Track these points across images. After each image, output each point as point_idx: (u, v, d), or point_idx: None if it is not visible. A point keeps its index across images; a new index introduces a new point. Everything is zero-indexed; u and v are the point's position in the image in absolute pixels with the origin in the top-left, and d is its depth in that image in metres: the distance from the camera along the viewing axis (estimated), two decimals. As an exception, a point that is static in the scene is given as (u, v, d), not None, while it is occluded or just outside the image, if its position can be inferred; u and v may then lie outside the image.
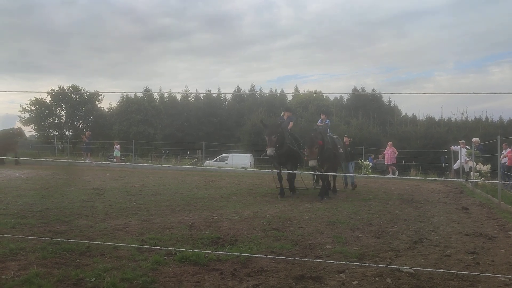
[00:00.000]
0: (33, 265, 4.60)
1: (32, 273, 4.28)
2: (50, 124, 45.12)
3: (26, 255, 5.03)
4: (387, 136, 31.07)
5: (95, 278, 4.24)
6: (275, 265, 4.90)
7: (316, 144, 10.65)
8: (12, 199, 9.48)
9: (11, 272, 4.40)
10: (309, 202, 10.31)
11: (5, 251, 5.13)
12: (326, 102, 44.47)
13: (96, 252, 5.24)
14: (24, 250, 5.21)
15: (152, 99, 47.40)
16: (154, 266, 4.70)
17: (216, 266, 4.82)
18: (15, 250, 5.17)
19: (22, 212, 7.86)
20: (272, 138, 10.76)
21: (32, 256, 4.97)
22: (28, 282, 4.05)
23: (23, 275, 4.29)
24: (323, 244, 6.01)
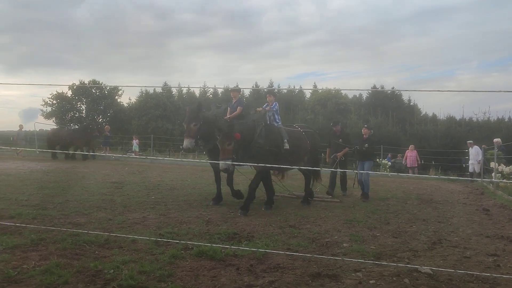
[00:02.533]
0: (54, 256, 4.69)
1: (52, 264, 4.36)
2: (71, 117, 45.81)
3: (46, 246, 5.13)
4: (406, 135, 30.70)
5: (113, 270, 4.30)
6: (291, 262, 4.89)
7: (230, 139, 7.79)
8: (33, 190, 9.68)
9: (32, 262, 4.49)
10: (325, 200, 10.25)
11: (26, 241, 5.24)
12: (344, 99, 44.03)
13: (115, 244, 5.31)
14: (44, 241, 5.32)
15: (171, 95, 47.74)
16: (171, 260, 4.74)
17: (233, 261, 4.83)
18: (36, 241, 5.28)
19: (43, 203, 8.01)
20: (191, 126, 8.37)
21: (52, 247, 5.06)
22: (49, 272, 4.12)
23: (43, 265, 4.37)
24: (340, 243, 5.97)
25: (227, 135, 7.74)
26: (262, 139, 8.26)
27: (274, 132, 8.73)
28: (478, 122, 33.75)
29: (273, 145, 8.48)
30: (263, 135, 8.33)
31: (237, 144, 7.87)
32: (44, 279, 3.96)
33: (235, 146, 7.84)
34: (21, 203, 7.95)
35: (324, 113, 36.59)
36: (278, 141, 8.64)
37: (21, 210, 7.23)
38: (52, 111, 44.87)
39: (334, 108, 39.92)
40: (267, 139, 8.37)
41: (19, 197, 8.62)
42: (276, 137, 8.67)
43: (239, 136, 7.82)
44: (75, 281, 4.00)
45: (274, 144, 8.51)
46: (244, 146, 8.11)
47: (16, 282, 3.91)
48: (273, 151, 8.43)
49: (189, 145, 8.39)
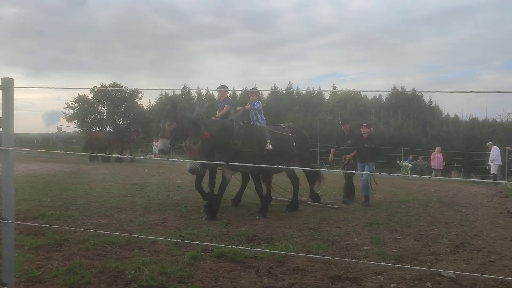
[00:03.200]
0: (76, 256, 4.77)
1: (75, 264, 4.44)
2: (92, 120, 46.59)
3: (69, 246, 5.22)
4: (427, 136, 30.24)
5: (134, 271, 4.35)
6: (311, 264, 4.86)
7: (196, 137, 7.27)
8: (56, 192, 9.87)
9: (55, 262, 4.57)
10: (345, 203, 10.16)
11: (50, 241, 5.34)
12: (364, 101, 43.65)
13: (136, 245, 5.37)
14: (67, 241, 5.41)
15: (190, 97, 48.13)
16: (191, 261, 4.77)
17: (252, 263, 4.84)
18: (60, 241, 5.38)
19: (66, 205, 8.16)
20: (165, 126, 7.80)
21: (75, 248, 5.15)
22: (72, 272, 4.20)
23: (67, 265, 4.45)
24: (360, 245, 5.91)
25: (193, 132, 7.28)
26: (239, 139, 7.64)
27: (254, 132, 8.07)
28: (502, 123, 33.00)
29: (253, 146, 7.84)
30: (241, 135, 7.69)
31: (209, 144, 7.38)
32: (67, 279, 4.03)
33: (208, 147, 7.38)
34: (44, 204, 8.11)
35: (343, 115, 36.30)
36: (259, 141, 8.02)
37: (45, 211, 7.39)
38: (74, 114, 45.73)
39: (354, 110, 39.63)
40: (246, 139, 7.72)
41: (42, 198, 8.80)
42: (256, 137, 8.03)
43: (207, 135, 7.28)
44: (97, 281, 4.06)
45: (254, 145, 7.88)
46: (221, 147, 7.68)
47: (40, 282, 3.99)
48: (253, 153, 7.79)
49: (163, 147, 7.71)
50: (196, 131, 7.27)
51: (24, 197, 8.71)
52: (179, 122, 7.79)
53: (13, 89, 2.57)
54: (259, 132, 8.18)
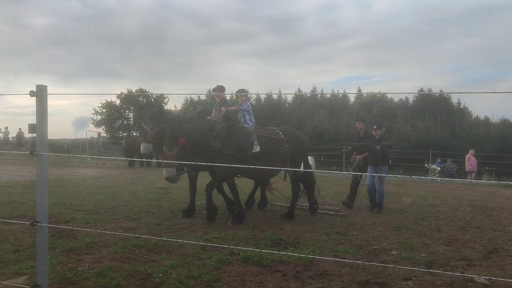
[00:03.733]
0: (106, 259, 4.87)
1: (105, 266, 4.53)
2: (119, 125, 47.50)
3: (99, 249, 5.33)
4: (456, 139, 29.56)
5: (162, 274, 4.40)
6: (338, 269, 4.82)
7: (171, 144, 7.02)
8: (86, 196, 10.09)
9: (86, 264, 4.67)
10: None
11: (81, 244, 5.47)
12: (390, 103, 43.02)
13: (163, 249, 5.44)
14: (97, 245, 5.53)
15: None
16: (218, 265, 4.79)
17: (279, 267, 4.82)
18: (90, 244, 5.50)
19: (95, 208, 8.33)
20: (148, 130, 7.78)
21: (105, 251, 5.26)
22: (102, 275, 4.28)
23: (97, 267, 4.55)
24: (388, 250, 5.82)
25: (168, 139, 7.05)
26: (219, 141, 7.32)
27: (237, 134, 7.66)
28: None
29: (235, 148, 7.47)
30: (222, 136, 7.36)
31: (185, 151, 7.10)
32: (98, 281, 4.11)
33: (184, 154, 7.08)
34: (75, 208, 8.31)
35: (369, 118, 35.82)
36: (242, 143, 7.61)
37: (75, 214, 7.56)
38: (102, 120, 46.69)
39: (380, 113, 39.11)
40: (227, 141, 7.39)
41: (73, 202, 9.01)
42: (240, 138, 7.62)
43: (183, 141, 6.99)
44: (127, 284, 4.13)
45: (236, 147, 7.49)
46: (200, 150, 7.40)
47: (72, 284, 4.09)
48: (235, 155, 7.43)
49: (144, 151, 7.59)
50: (171, 137, 7.04)
51: (55, 201, 8.93)
52: (163, 126, 7.54)
53: (47, 96, 2.65)
54: (243, 133, 7.76)
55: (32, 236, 5.84)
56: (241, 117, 8.15)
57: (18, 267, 4.52)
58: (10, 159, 24.13)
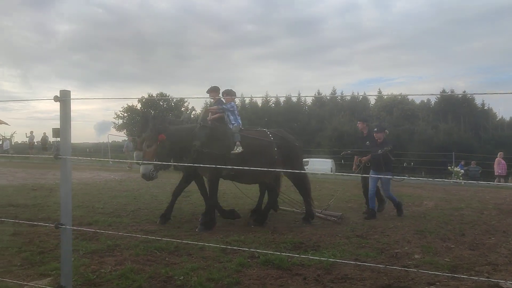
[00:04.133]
0: (128, 261, 4.92)
1: (127, 269, 4.58)
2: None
3: (121, 252, 5.40)
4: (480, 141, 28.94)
5: (183, 277, 4.43)
6: (359, 273, 4.76)
7: (150, 140, 6.99)
8: (108, 199, 10.25)
9: (108, 266, 4.74)
10: (394, 210, 9.88)
11: (103, 246, 5.55)
12: (411, 105, 42.46)
13: (184, 251, 5.47)
14: (119, 247, 5.60)
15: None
16: (238, 268, 4.80)
17: (299, 271, 4.80)
18: (112, 247, 5.58)
19: (117, 211, 8.45)
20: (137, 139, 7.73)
21: (126, 253, 5.32)
22: (124, 277, 4.33)
23: (119, 270, 4.60)
24: (410, 254, 5.73)
25: (148, 135, 7.01)
26: (199, 141, 7.19)
27: (218, 134, 7.50)
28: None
29: (216, 148, 7.28)
30: (202, 136, 7.24)
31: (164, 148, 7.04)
32: (120, 283, 4.16)
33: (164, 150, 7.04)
34: (97, 211, 8.44)
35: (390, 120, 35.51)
36: (223, 143, 7.39)
37: (98, 217, 7.68)
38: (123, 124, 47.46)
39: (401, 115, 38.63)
40: (207, 141, 7.25)
41: (95, 205, 9.16)
42: (220, 138, 7.45)
43: (163, 137, 6.94)
44: (148, 286, 4.17)
45: (217, 147, 7.30)
46: (183, 150, 7.34)
47: (95, 285, 4.15)
48: (216, 155, 7.22)
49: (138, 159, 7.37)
50: (151, 133, 6.98)
51: (78, 203, 9.09)
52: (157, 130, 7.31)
53: (70, 101, 2.71)
54: (225, 133, 7.58)
55: (56, 238, 5.96)
56: (227, 118, 7.93)
57: (43, 268, 4.61)
58: (35, 163, 24.70)
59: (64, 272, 2.81)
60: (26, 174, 17.35)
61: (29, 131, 34.09)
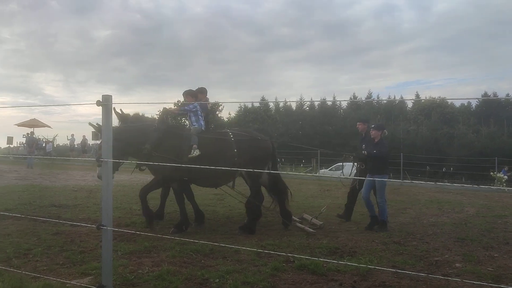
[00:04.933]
0: (165, 263, 5.00)
1: (164, 270, 4.65)
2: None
3: (158, 253, 5.49)
4: (525, 146, 27.75)
5: (219, 279, 4.45)
6: (397, 280, 4.65)
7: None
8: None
9: (146, 267, 4.83)
10: (433, 216, 9.61)
11: (141, 248, 5.66)
12: (451, 109, 41.21)
13: (219, 254, 5.50)
14: (156, 248, 5.70)
15: (268, 109, 48.80)
16: (274, 272, 4.78)
17: (335, 276, 4.73)
18: (149, 248, 5.69)
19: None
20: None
21: (163, 254, 5.41)
22: (161, 278, 4.40)
23: (156, 271, 4.68)
24: (451, 262, 5.54)
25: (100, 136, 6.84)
26: (149, 143, 7.00)
27: (172, 137, 7.26)
28: None
29: (167, 152, 7.07)
30: (153, 139, 7.05)
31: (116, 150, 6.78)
32: (157, 284, 4.23)
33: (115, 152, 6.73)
34: (134, 213, 8.63)
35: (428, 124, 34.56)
36: (176, 146, 7.11)
37: (135, 219, 7.86)
38: (160, 127, 48.30)
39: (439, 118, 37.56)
40: (159, 144, 7.07)
41: (133, 206, 9.37)
42: (174, 141, 7.19)
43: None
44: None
45: (169, 150, 7.08)
46: (136, 152, 7.25)
47: (133, 286, 4.24)
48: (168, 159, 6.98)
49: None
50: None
51: (116, 205, 9.32)
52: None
53: (112, 105, 2.79)
54: (180, 136, 7.31)
55: (96, 239, 6.13)
56: (188, 119, 7.75)
57: (84, 267, 4.75)
58: (75, 165, 25.56)
59: (105, 271, 2.89)
60: (67, 175, 17.98)
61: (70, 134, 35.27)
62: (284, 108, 53.94)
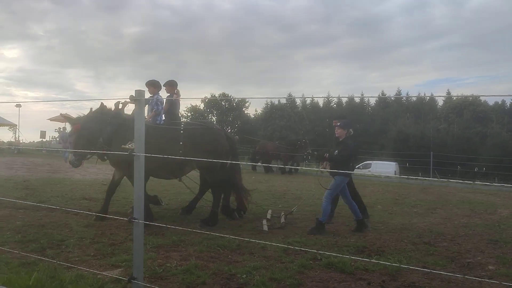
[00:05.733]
0: (192, 257, 5.05)
1: (191, 264, 4.70)
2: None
3: (186, 247, 5.55)
4: None
5: (246, 275, 4.46)
6: (427, 281, 4.55)
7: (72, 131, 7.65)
8: (172, 196, 10.61)
9: (174, 261, 4.89)
10: (465, 217, 9.36)
11: (168, 242, 5.74)
12: (484, 107, 39.99)
13: (246, 250, 5.52)
14: (184, 243, 5.77)
15: (295, 106, 48.62)
16: (301, 269, 4.76)
17: (363, 275, 4.67)
18: (177, 242, 5.76)
19: (181, 208, 8.69)
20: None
21: (191, 249, 5.46)
22: (189, 272, 4.45)
23: (184, 265, 4.73)
24: (484, 264, 5.38)
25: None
26: (102, 137, 7.25)
27: (121, 129, 7.20)
28: None
29: (115, 146, 6.98)
30: (106, 132, 7.28)
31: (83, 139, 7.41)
32: (185, 278, 4.28)
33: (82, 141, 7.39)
34: (162, 207, 8.75)
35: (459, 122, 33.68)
36: (126, 139, 6.69)
37: (163, 213, 7.98)
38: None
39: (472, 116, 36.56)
40: (108, 137, 7.27)
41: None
42: (122, 135, 7.01)
43: (78, 127, 7.39)
44: (212, 283, 4.25)
45: (118, 144, 6.80)
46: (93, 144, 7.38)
47: (161, 279, 4.30)
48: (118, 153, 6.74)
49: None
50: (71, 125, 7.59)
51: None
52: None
53: (144, 100, 2.82)
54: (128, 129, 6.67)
55: (126, 232, 6.26)
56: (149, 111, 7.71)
57: (114, 259, 4.85)
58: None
59: (136, 264, 2.93)
60: (97, 169, 18.37)
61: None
62: (311, 105, 53.61)
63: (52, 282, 3.51)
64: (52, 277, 3.70)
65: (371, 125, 49.15)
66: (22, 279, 3.55)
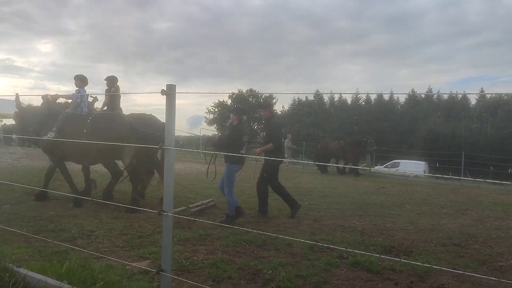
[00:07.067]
0: (218, 251, 5.09)
1: (218, 258, 4.74)
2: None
3: (212, 242, 5.60)
4: None
5: (272, 271, 4.47)
6: (457, 284, 4.45)
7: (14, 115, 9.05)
8: (200, 190, 10.74)
9: (200, 255, 4.94)
10: (497, 219, 9.08)
11: (195, 235, 5.81)
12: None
13: (272, 246, 5.52)
14: (210, 237, 5.82)
15: (322, 102, 48.24)
16: (327, 267, 4.73)
17: (390, 275, 4.60)
18: (204, 236, 5.82)
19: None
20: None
21: (217, 243, 5.51)
22: (215, 266, 4.49)
23: (210, 259, 4.78)
24: (517, 269, 5.22)
25: None
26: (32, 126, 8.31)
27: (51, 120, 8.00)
28: None
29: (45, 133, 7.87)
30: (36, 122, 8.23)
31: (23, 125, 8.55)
32: (211, 272, 4.32)
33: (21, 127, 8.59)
34: (189, 201, 8.85)
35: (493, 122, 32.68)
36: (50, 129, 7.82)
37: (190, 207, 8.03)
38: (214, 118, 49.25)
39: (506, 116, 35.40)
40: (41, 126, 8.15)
41: (188, 195, 9.62)
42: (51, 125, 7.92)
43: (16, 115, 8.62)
44: (238, 277, 4.27)
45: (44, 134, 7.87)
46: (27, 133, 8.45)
47: (188, 272, 4.35)
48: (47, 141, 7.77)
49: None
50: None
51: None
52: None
53: (175, 95, 2.85)
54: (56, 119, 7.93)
55: (153, 224, 6.36)
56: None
57: (142, 251, 4.94)
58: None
59: (164, 256, 2.97)
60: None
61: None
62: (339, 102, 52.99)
63: (83, 271, 3.60)
64: (83, 266, 3.79)
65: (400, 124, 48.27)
66: (55, 267, 3.65)
